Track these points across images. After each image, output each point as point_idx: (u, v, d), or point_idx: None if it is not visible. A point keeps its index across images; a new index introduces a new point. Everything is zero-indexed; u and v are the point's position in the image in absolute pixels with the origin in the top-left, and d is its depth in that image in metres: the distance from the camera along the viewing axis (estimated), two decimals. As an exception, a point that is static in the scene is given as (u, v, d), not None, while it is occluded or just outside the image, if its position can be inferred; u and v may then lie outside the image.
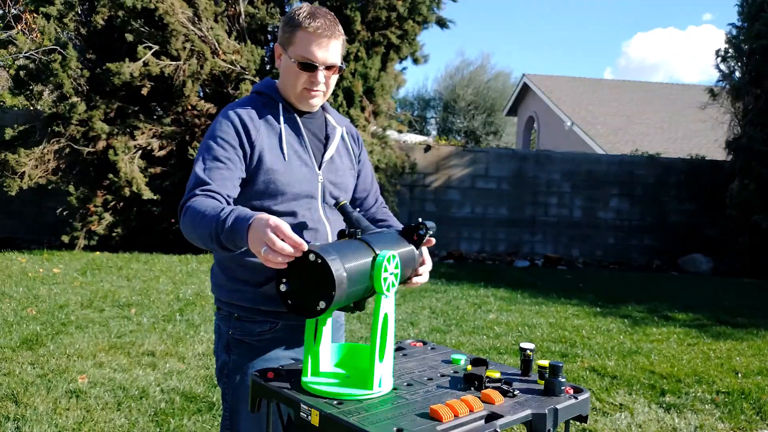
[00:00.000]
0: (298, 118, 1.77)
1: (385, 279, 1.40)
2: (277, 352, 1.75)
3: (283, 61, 1.76)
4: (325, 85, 1.75)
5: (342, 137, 1.87)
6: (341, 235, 1.50)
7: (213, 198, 1.59)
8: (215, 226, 1.44)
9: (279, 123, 1.74)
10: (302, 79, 1.71)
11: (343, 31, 1.79)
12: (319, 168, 1.77)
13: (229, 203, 1.61)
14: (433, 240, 1.69)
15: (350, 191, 1.88)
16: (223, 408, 1.81)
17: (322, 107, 1.87)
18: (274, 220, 1.32)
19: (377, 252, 1.44)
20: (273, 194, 1.69)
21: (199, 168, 1.63)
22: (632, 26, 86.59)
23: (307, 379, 1.44)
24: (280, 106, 1.77)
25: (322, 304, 1.31)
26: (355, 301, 1.44)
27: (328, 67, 1.72)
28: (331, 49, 1.71)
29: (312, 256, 1.30)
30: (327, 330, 1.47)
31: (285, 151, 1.71)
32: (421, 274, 1.70)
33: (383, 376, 1.40)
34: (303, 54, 1.69)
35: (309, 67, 1.70)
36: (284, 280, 1.35)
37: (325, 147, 1.81)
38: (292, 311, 1.36)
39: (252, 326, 1.74)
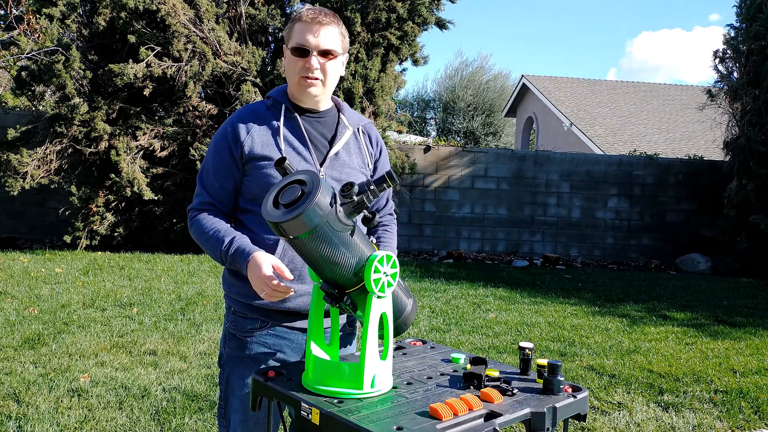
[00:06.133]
0: (299, 118, 1.81)
1: (377, 280, 1.41)
2: (259, 354, 1.81)
3: (285, 57, 1.82)
4: (322, 72, 1.76)
5: (355, 136, 1.90)
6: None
7: (212, 212, 1.82)
8: (219, 254, 1.73)
9: (278, 122, 1.79)
10: (298, 66, 1.76)
11: (341, 24, 1.81)
12: (321, 164, 1.81)
13: (224, 208, 1.84)
14: None
15: None
16: (219, 396, 1.90)
17: (338, 107, 1.90)
18: (264, 272, 1.59)
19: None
20: (270, 187, 1.76)
21: (199, 178, 1.86)
22: (637, 27, 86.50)
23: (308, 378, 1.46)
24: (283, 107, 1.82)
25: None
26: (331, 281, 1.45)
27: (323, 53, 1.75)
28: (323, 34, 1.74)
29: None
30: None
31: (282, 147, 1.77)
32: None
33: (377, 376, 1.41)
34: (297, 41, 1.74)
35: (302, 52, 1.74)
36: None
37: (332, 145, 1.84)
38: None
39: (244, 322, 1.83)
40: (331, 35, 1.75)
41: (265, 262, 1.62)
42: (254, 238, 1.76)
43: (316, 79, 1.76)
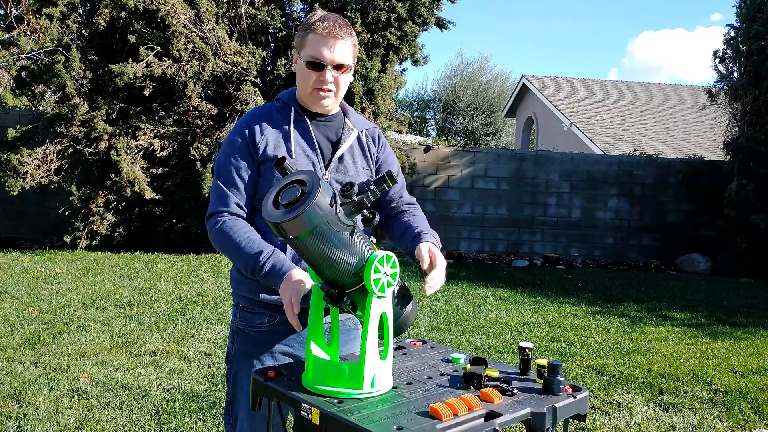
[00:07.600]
0: (308, 121, 1.85)
1: (377, 280, 1.41)
2: (268, 349, 1.83)
3: (297, 64, 1.84)
4: (335, 84, 1.81)
5: (358, 139, 1.92)
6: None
7: (240, 220, 1.77)
8: (252, 266, 1.66)
9: (288, 125, 1.83)
10: (312, 79, 1.79)
11: (354, 34, 1.84)
12: (327, 167, 1.84)
13: (247, 208, 1.80)
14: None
15: None
16: (227, 393, 1.91)
17: (344, 111, 1.94)
18: (294, 292, 1.54)
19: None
20: None
21: (220, 182, 1.80)
22: (639, 27, 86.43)
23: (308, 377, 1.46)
24: (292, 110, 1.85)
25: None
26: (332, 281, 1.45)
27: (337, 67, 1.79)
28: (338, 49, 1.77)
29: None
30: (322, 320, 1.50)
31: (293, 149, 1.80)
32: (428, 281, 1.74)
33: (377, 376, 1.41)
34: (312, 54, 1.77)
35: (317, 66, 1.77)
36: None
37: (336, 148, 1.87)
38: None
39: (252, 317, 1.85)
40: (346, 49, 1.79)
41: (297, 282, 1.58)
42: (264, 238, 1.78)
43: (329, 91, 1.80)
